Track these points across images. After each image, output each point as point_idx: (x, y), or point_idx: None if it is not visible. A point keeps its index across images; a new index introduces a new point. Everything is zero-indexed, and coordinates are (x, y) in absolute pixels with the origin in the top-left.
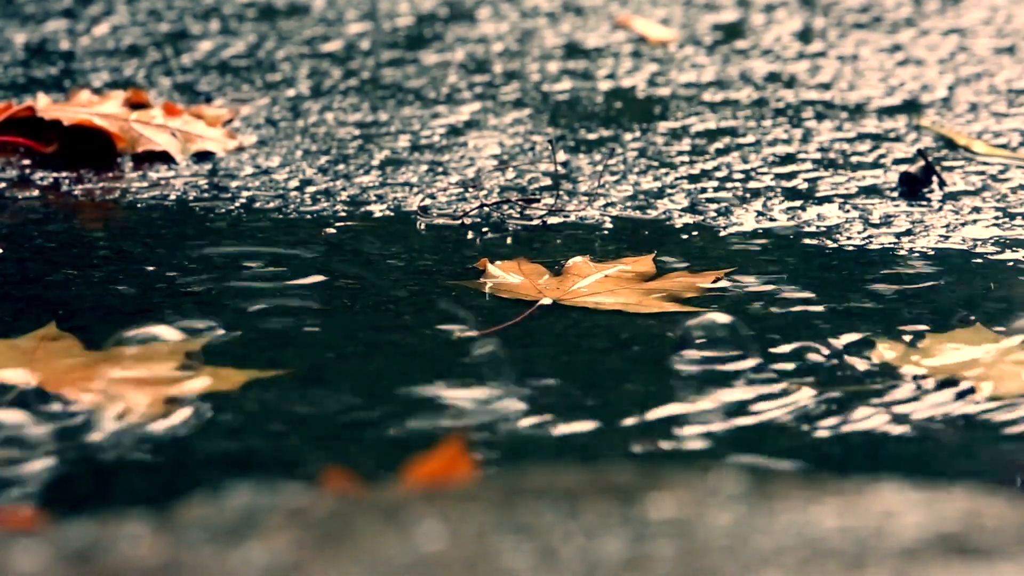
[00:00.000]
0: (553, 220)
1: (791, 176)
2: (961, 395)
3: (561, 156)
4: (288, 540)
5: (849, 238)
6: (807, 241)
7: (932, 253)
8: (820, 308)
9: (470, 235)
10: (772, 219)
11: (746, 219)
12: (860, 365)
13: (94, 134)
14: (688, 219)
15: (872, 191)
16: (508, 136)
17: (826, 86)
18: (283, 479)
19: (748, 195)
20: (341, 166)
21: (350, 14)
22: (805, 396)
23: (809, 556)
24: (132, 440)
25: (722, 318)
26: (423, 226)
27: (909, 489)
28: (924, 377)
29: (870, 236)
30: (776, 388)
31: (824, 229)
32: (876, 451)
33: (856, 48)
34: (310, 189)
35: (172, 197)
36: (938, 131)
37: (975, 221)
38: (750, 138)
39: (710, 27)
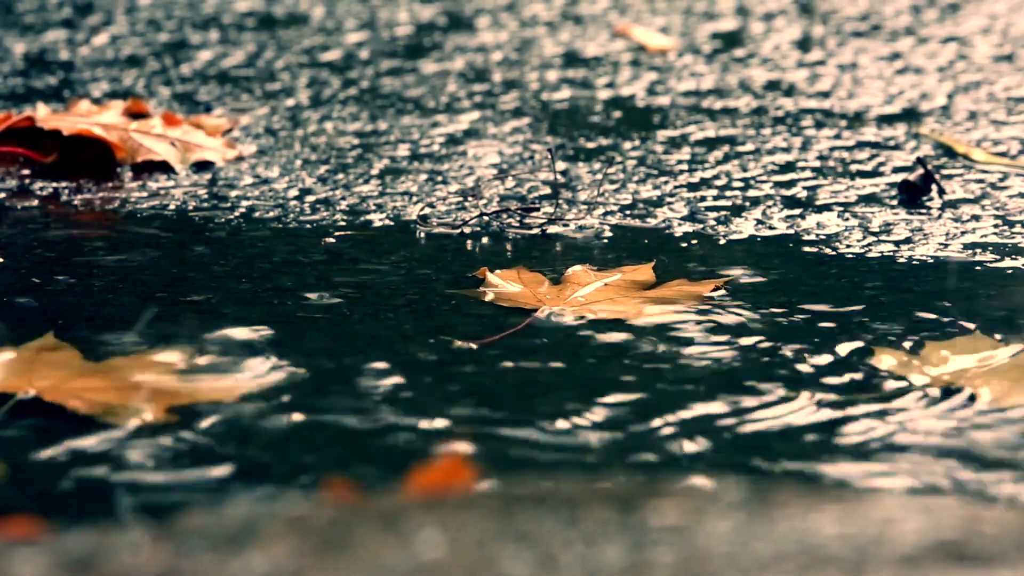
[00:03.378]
0: (552, 229)
1: (790, 184)
2: (960, 403)
3: (560, 165)
4: (288, 548)
5: (848, 246)
6: (806, 249)
7: (931, 261)
8: (819, 316)
9: (469, 244)
10: (771, 227)
11: (745, 227)
12: (859, 373)
13: (93, 144)
14: (687, 227)
15: (871, 199)
16: (507, 145)
17: (825, 94)
18: (283, 488)
19: (747, 203)
20: (341, 175)
21: (349, 23)
22: (804, 403)
23: (809, 563)
24: (131, 449)
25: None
26: (422, 235)
27: (908, 496)
28: (924, 385)
29: (869, 244)
30: (775, 395)
31: (823, 237)
32: (875, 458)
33: (855, 56)
34: (309, 198)
35: (171, 207)
36: (937, 139)
37: (974, 229)
38: (749, 146)
39: (709, 36)
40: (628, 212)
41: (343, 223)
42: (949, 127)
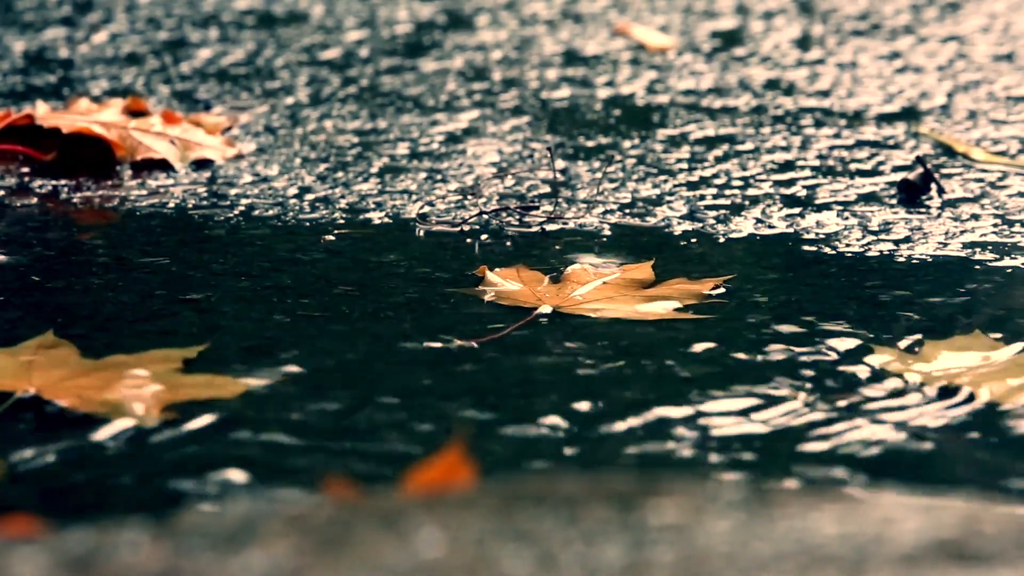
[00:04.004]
0: (552, 227)
1: (790, 183)
2: (959, 402)
3: (560, 163)
4: (288, 547)
5: (848, 245)
6: (806, 248)
7: (931, 260)
8: (818, 315)
9: (469, 242)
10: (771, 226)
11: (745, 226)
12: (859, 372)
13: (93, 142)
14: (687, 226)
15: (871, 198)
16: (507, 143)
17: (825, 93)
18: (282, 486)
19: (747, 202)
20: (340, 174)
21: (349, 22)
22: (803, 403)
23: (808, 562)
24: (130, 448)
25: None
26: (422, 233)
27: (908, 496)
28: (922, 384)
29: (869, 243)
30: (774, 394)
31: (823, 236)
32: (874, 458)
33: (855, 55)
34: (309, 196)
35: (171, 205)
36: (937, 138)
37: (974, 228)
38: (749, 145)
39: (709, 34)
40: (627, 211)
41: (342, 221)
42: (949, 126)
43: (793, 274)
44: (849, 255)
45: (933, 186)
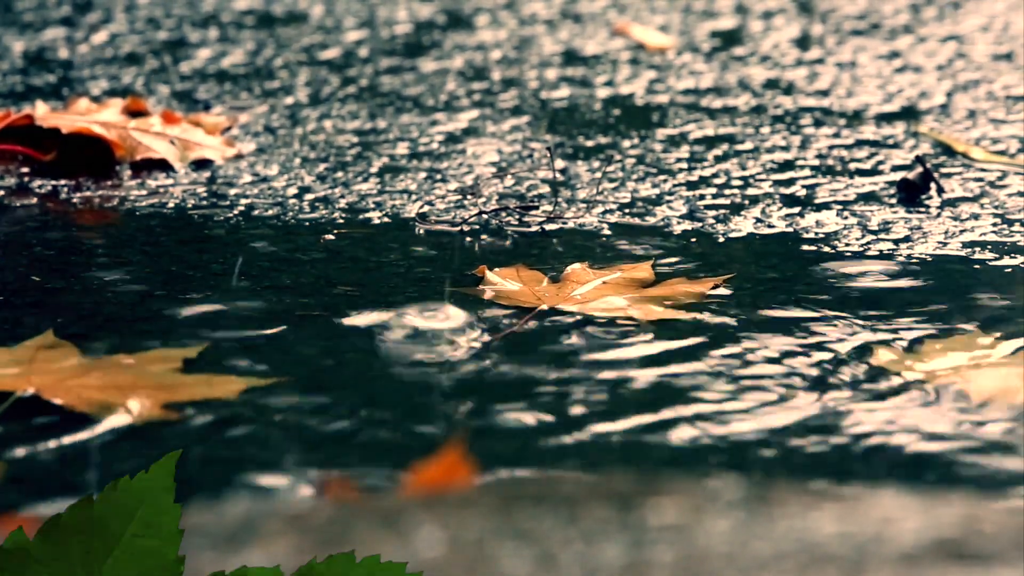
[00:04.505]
0: (551, 227)
1: (789, 183)
2: (959, 400)
3: (559, 163)
4: (288, 546)
5: (847, 244)
6: (805, 247)
7: (930, 259)
8: (818, 314)
9: (469, 242)
10: (770, 226)
11: (744, 226)
12: (858, 371)
13: (92, 142)
14: (687, 226)
15: (870, 197)
16: (506, 143)
17: (824, 93)
18: (282, 486)
19: (746, 202)
20: (340, 173)
21: (348, 22)
22: (803, 402)
23: (808, 562)
24: (130, 447)
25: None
26: (422, 233)
27: (907, 495)
28: (922, 383)
29: (868, 242)
30: (774, 394)
31: (822, 235)
32: (874, 457)
33: (854, 55)
34: (308, 196)
35: (170, 205)
36: (936, 138)
37: (973, 227)
38: (748, 145)
39: (708, 34)
40: (627, 210)
41: (342, 221)
42: (948, 125)
43: (792, 273)
44: (849, 254)
45: (933, 185)
